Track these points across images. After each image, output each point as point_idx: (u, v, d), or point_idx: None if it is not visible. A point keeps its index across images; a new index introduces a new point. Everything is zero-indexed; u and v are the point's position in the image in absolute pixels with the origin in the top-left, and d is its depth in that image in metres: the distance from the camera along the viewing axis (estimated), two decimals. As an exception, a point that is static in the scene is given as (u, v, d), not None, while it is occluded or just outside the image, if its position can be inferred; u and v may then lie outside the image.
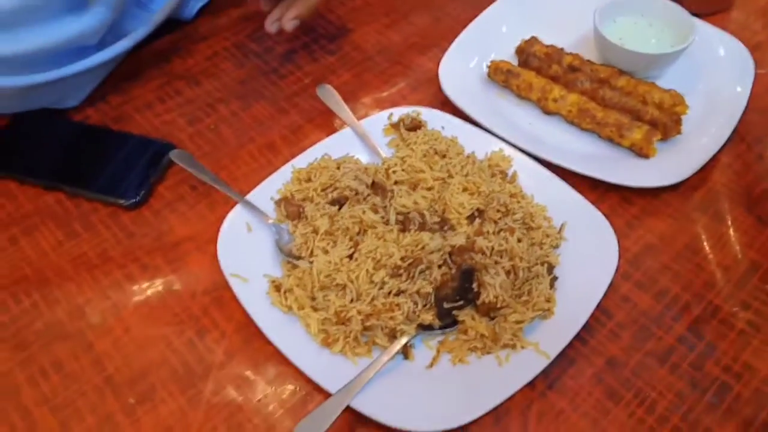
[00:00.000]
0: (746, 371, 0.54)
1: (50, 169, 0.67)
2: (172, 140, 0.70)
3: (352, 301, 0.54)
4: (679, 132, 0.69)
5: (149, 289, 0.59)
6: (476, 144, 0.67)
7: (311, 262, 0.57)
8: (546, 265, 0.58)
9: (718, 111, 0.71)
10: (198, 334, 0.56)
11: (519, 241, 0.58)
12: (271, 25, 0.71)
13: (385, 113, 0.70)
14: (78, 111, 0.73)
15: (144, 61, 0.78)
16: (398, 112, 0.70)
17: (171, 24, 0.80)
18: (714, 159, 0.67)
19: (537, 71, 0.74)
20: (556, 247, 0.60)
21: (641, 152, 0.68)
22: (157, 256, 0.61)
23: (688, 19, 0.73)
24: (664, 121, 0.68)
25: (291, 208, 0.61)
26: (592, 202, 0.61)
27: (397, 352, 0.53)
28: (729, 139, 0.68)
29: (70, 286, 0.58)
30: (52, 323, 0.56)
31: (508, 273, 0.56)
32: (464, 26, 0.79)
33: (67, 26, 0.65)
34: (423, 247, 0.56)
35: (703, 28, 0.76)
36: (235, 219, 0.60)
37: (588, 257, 0.58)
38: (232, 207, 0.61)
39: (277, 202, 0.62)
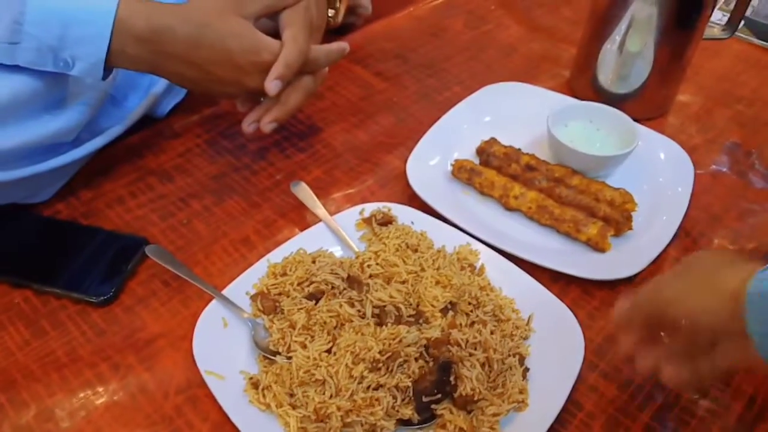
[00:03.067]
0: (711, 458, 0.56)
1: (17, 265, 0.66)
2: (144, 235, 0.70)
3: (331, 396, 0.54)
4: (630, 228, 0.74)
5: (121, 389, 0.57)
6: (445, 238, 0.70)
7: (289, 358, 0.57)
8: (518, 356, 0.59)
9: (664, 208, 0.77)
10: (172, 435, 0.55)
11: (491, 333, 0.60)
12: (248, 126, 0.74)
13: (357, 208, 0.73)
14: (47, 206, 0.73)
15: (116, 157, 0.80)
16: (370, 207, 0.73)
17: (144, 121, 0.82)
18: (664, 253, 0.72)
19: (497, 170, 0.79)
20: (526, 338, 0.62)
21: (597, 247, 0.72)
22: (128, 354, 0.60)
23: (632, 124, 0.80)
24: (616, 217, 0.73)
25: (267, 302, 0.62)
26: (556, 295, 0.64)
27: (378, 449, 0.53)
28: (675, 235, 0.73)
29: (37, 388, 0.56)
30: (19, 426, 0.54)
31: (482, 365, 0.57)
32: (427, 126, 0.84)
33: (45, 124, 0.66)
34: (400, 341, 0.57)
35: (646, 132, 0.83)
36: (211, 314, 0.60)
37: (555, 348, 0.61)
38: (206, 302, 0.61)
39: (253, 297, 0.63)
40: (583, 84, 0.95)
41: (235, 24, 0.67)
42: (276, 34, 0.71)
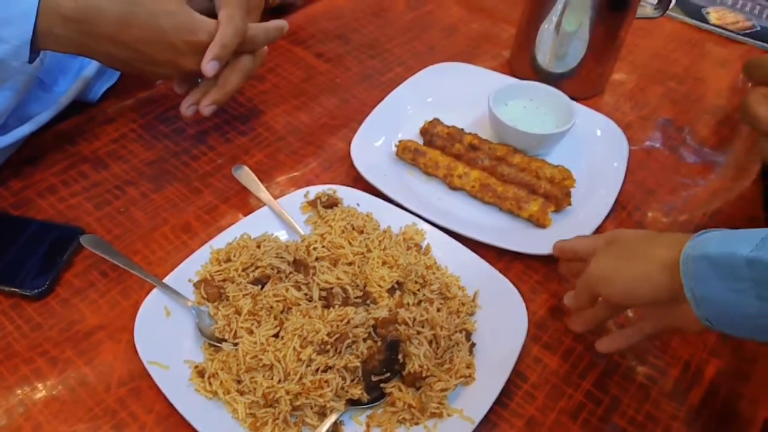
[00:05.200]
0: (649, 421, 0.58)
1: (-58, 259, 0.63)
2: (79, 225, 0.67)
3: (280, 381, 0.54)
4: (569, 204, 0.76)
5: (60, 384, 0.55)
6: (390, 219, 0.71)
7: (235, 345, 0.56)
8: (464, 332, 0.61)
9: (601, 184, 0.79)
10: (115, 428, 0.53)
11: (438, 310, 0.61)
12: (187, 109, 0.71)
13: (302, 191, 0.72)
14: (-26, 197, 0.70)
15: (47, 144, 0.76)
16: (314, 190, 0.72)
17: (76, 106, 0.79)
18: (601, 227, 0.74)
19: (441, 150, 0.80)
20: (472, 314, 0.63)
21: (538, 223, 0.74)
22: (66, 347, 0.58)
23: (570, 103, 0.82)
24: (556, 194, 0.75)
25: (211, 289, 0.61)
26: (500, 271, 0.66)
27: (328, 430, 0.53)
28: (612, 209, 0.76)
29: (-30, 386, 0.54)
30: (-50, 428, 0.51)
31: (430, 342, 0.58)
32: (371, 108, 0.83)
33: (-32, 111, 0.63)
34: (348, 322, 0.57)
35: (583, 110, 0.85)
36: (153, 304, 0.59)
37: (500, 323, 0.62)
38: (147, 292, 0.60)
39: (197, 284, 0.62)
40: (522, 64, 0.96)
41: (167, 2, 0.65)
42: (213, 15, 0.69)
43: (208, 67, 0.67)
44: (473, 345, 0.60)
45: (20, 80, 0.66)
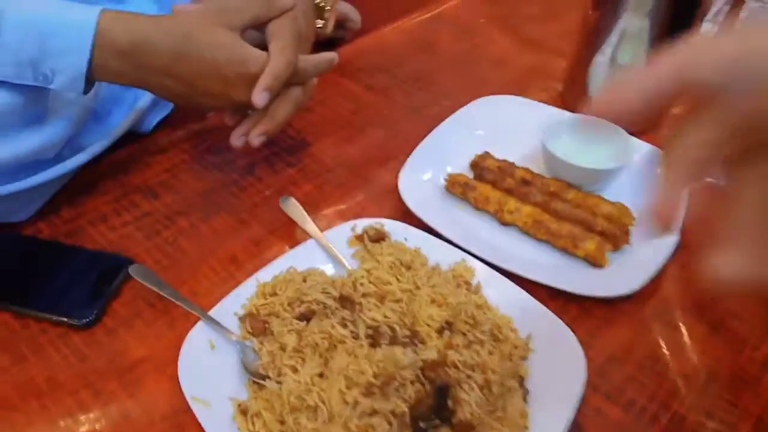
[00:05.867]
0: (719, 482, 0.54)
1: (-5, 287, 0.63)
2: (127, 255, 0.68)
3: (324, 423, 0.52)
4: (627, 242, 0.72)
5: (103, 417, 0.54)
6: (439, 255, 0.68)
7: (279, 382, 0.55)
8: (517, 377, 0.57)
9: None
10: (157, 465, 0.52)
11: (490, 353, 0.58)
12: (237, 140, 0.72)
13: (349, 225, 0.71)
14: (28, 225, 0.70)
15: (99, 174, 0.77)
16: (361, 223, 0.71)
17: (129, 136, 0.80)
18: (663, 268, 0.70)
19: (492, 184, 0.78)
20: (525, 358, 0.60)
21: (595, 262, 0.70)
22: (111, 379, 0.57)
23: (627, 137, 0.79)
24: (614, 232, 0.72)
25: (256, 324, 0.60)
26: (554, 312, 0.63)
27: (373, 478, 0.50)
28: (674, 249, 0.72)
29: (16, 417, 0.53)
30: (-7, 460, 0.51)
31: (481, 388, 0.55)
32: (418, 141, 0.82)
33: (25, 140, 0.64)
34: (395, 363, 0.55)
35: (641, 145, 0.82)
36: (197, 337, 0.58)
37: (556, 369, 0.59)
38: (193, 324, 0.59)
39: (242, 318, 0.61)
40: (575, 97, 0.94)
41: (220, 35, 0.65)
42: (264, 47, 0.69)
43: (259, 98, 0.67)
44: (527, 392, 0.57)
45: (76, 111, 0.67)
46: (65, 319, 0.61)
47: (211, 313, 0.60)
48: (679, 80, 0.33)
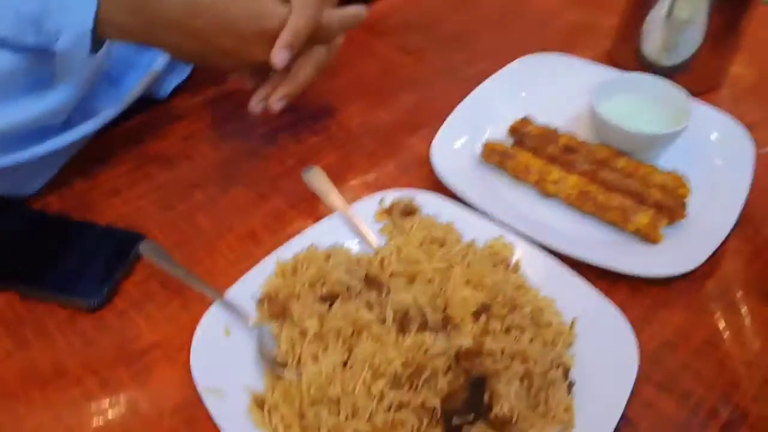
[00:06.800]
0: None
1: (1, 265, 0.60)
2: (141, 230, 0.63)
3: (347, 418, 0.47)
4: (683, 216, 0.65)
5: (110, 408, 0.51)
6: (474, 230, 0.63)
7: (299, 372, 0.50)
8: (561, 368, 0.52)
9: (721, 194, 0.68)
10: (168, 462, 0.48)
11: (531, 341, 0.52)
12: (256, 105, 0.66)
13: (377, 197, 0.65)
14: (37, 198, 0.67)
15: (113, 143, 0.73)
16: (390, 195, 0.65)
17: (143, 103, 0.75)
18: (723, 244, 0.63)
19: (533, 152, 0.71)
20: (569, 346, 0.55)
21: (647, 238, 0.64)
22: (119, 367, 0.53)
23: (685, 99, 0.72)
24: (669, 204, 0.65)
25: (275, 307, 0.55)
26: (602, 294, 0.57)
27: (401, 479, 0.46)
28: (736, 224, 0.65)
29: (17, 407, 0.50)
30: (-8, 453, 0.48)
31: (521, 380, 0.50)
32: (454, 105, 0.76)
33: (30, 106, 0.60)
34: (426, 351, 0.50)
35: (698, 108, 0.74)
36: (211, 322, 0.54)
37: (604, 357, 0.53)
38: (208, 306, 0.55)
39: (260, 301, 0.56)
40: (626, 55, 0.86)
41: (235, -11, 0.60)
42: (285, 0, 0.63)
43: (278, 57, 0.61)
44: (572, 384, 0.51)
45: (84, 72, 0.63)
46: (74, 300, 0.57)
47: (227, 294, 0.56)
48: None
